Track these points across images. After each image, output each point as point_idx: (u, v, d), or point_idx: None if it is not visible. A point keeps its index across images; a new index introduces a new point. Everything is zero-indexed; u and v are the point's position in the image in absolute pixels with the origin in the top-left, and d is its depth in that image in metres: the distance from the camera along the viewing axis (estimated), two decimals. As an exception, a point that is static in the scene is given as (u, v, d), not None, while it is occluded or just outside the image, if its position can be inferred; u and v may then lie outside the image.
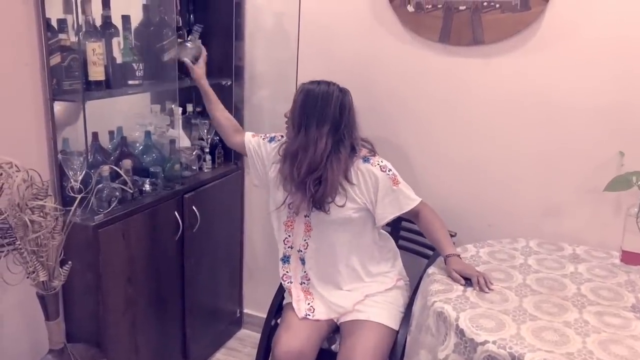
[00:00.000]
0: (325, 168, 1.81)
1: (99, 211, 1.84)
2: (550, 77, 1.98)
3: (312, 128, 1.81)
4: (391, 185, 1.86)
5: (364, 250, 1.95)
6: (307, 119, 1.82)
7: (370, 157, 1.89)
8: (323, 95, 1.84)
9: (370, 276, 1.96)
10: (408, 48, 2.16)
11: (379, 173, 1.86)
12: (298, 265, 1.97)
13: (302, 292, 1.95)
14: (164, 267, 2.13)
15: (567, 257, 1.90)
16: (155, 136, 2.30)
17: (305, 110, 1.83)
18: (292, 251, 1.98)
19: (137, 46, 2.18)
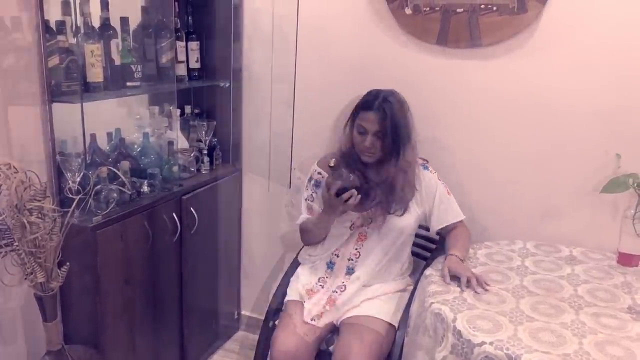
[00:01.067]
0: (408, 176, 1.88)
1: (97, 212, 1.84)
2: (547, 80, 1.99)
3: (404, 149, 1.83)
4: (446, 194, 1.94)
5: (403, 256, 1.99)
6: (400, 143, 1.82)
7: (428, 165, 1.95)
8: (401, 112, 1.83)
9: (393, 278, 1.98)
10: (405, 51, 2.16)
11: (437, 181, 1.93)
12: (341, 275, 1.95)
13: (326, 299, 1.91)
14: (161, 268, 2.14)
15: (564, 259, 1.91)
16: (153, 138, 2.30)
17: (397, 137, 1.81)
18: (338, 259, 1.97)
19: (136, 48, 2.19)
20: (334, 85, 2.31)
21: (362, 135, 1.85)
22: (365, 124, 1.83)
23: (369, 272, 1.93)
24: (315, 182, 1.99)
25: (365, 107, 1.85)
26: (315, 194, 1.99)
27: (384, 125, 1.80)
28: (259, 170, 2.56)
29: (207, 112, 2.52)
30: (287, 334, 1.83)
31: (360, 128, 1.85)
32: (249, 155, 2.57)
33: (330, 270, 1.98)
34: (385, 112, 1.79)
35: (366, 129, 1.83)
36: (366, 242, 1.93)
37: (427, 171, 1.95)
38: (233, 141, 2.52)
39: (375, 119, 1.81)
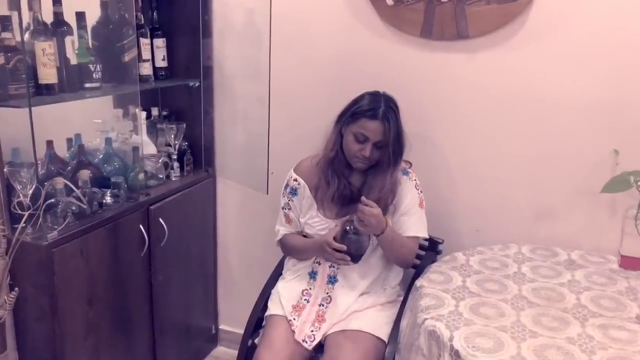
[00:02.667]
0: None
1: (53, 228, 1.66)
2: (539, 73, 1.87)
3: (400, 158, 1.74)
4: (416, 206, 1.80)
5: (391, 265, 1.86)
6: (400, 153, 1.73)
7: (409, 170, 1.82)
8: (400, 120, 1.72)
9: (381, 287, 1.85)
10: (387, 44, 2.02)
11: (412, 190, 1.80)
12: (323, 284, 1.82)
13: (315, 315, 1.78)
14: (129, 285, 1.96)
15: (562, 264, 1.79)
16: (117, 143, 2.13)
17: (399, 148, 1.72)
18: (319, 267, 1.83)
19: (95, 46, 2.01)
20: (312, 82, 2.16)
21: (361, 143, 1.71)
22: (368, 132, 1.69)
23: (354, 280, 1.80)
24: (291, 189, 1.85)
25: (368, 115, 1.69)
26: (292, 202, 1.84)
27: (388, 136, 1.68)
28: (233, 176, 2.39)
29: (177, 114, 2.35)
30: (273, 355, 1.67)
31: (360, 137, 1.70)
32: (223, 159, 2.40)
33: (313, 280, 1.84)
34: (390, 122, 1.68)
35: (368, 138, 1.69)
36: None
37: (407, 177, 1.81)
38: (205, 145, 2.35)
39: (380, 129, 1.68)
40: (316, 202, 1.81)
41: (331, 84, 2.12)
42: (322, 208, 1.81)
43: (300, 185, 1.83)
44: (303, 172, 1.84)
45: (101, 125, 2.14)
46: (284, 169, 1.93)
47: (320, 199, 1.81)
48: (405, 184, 1.80)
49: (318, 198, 1.81)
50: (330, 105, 1.81)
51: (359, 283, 1.80)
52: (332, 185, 1.76)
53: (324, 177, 1.79)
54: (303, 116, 2.20)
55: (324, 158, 1.80)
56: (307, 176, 1.83)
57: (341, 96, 1.80)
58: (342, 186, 1.76)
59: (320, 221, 1.81)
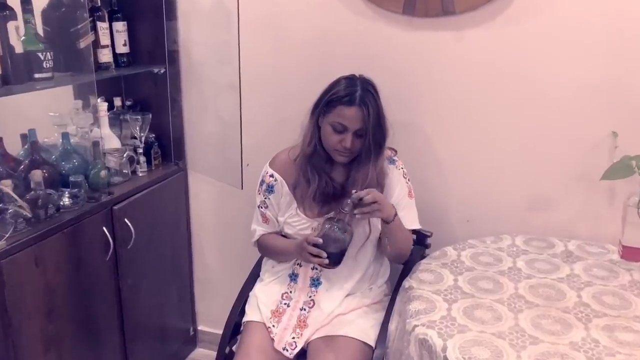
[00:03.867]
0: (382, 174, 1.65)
1: (1, 236, 1.49)
2: (531, 51, 1.73)
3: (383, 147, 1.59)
4: (406, 196, 1.66)
5: (376, 262, 1.73)
6: (382, 141, 1.57)
7: (395, 157, 1.68)
8: (380, 106, 1.56)
9: (368, 286, 1.71)
10: (367, 22, 1.86)
11: (400, 179, 1.67)
12: (305, 288, 1.67)
13: (296, 321, 1.63)
14: (95, 293, 1.81)
15: (559, 256, 1.67)
16: (76, 138, 1.95)
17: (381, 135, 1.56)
18: (301, 269, 1.69)
19: (47, 32, 1.83)
20: (287, 65, 2.00)
21: (340, 134, 1.55)
22: (346, 121, 1.53)
23: (339, 281, 1.66)
24: (267, 186, 1.69)
25: (345, 102, 1.53)
26: (269, 199, 1.69)
27: (367, 123, 1.52)
28: (205, 169, 2.23)
29: (142, 104, 2.17)
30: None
31: (338, 126, 1.54)
32: (194, 151, 2.24)
33: (294, 282, 1.70)
34: (369, 107, 1.51)
35: (346, 127, 1.54)
36: None
37: (394, 166, 1.67)
38: (174, 136, 2.19)
39: (359, 115, 1.52)
40: (296, 200, 1.66)
41: (308, 67, 1.96)
42: (302, 206, 1.66)
43: (277, 181, 1.67)
44: (280, 167, 1.68)
45: (58, 119, 1.96)
46: (261, 161, 1.77)
47: (300, 197, 1.66)
48: (392, 173, 1.66)
49: (298, 196, 1.66)
50: (307, 89, 1.64)
51: (343, 284, 1.66)
52: (313, 183, 1.61)
53: (302, 175, 1.63)
54: (279, 102, 2.04)
55: (301, 154, 1.64)
56: (284, 171, 1.67)
57: (318, 80, 1.64)
58: (324, 184, 1.61)
59: (301, 220, 1.66)
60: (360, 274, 1.68)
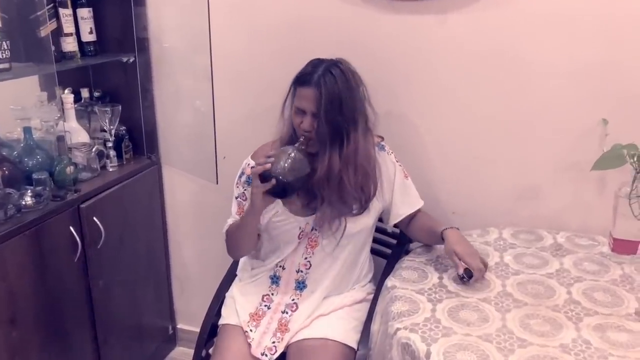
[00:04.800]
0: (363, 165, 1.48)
1: (-44, 241, 1.40)
2: (518, 35, 1.64)
3: (350, 133, 1.44)
4: (403, 178, 1.61)
5: (361, 262, 1.64)
6: (343, 125, 1.42)
7: (384, 144, 1.59)
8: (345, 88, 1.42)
9: (351, 287, 1.63)
10: (347, 6, 1.76)
11: (394, 164, 1.59)
12: (289, 291, 1.58)
13: (277, 324, 1.54)
14: (63, 296, 1.72)
15: (548, 249, 1.60)
16: (40, 132, 1.85)
17: (338, 118, 1.41)
18: (284, 272, 1.58)
19: (5, 20, 1.71)
20: (263, 52, 1.90)
21: (300, 116, 1.45)
22: (302, 102, 1.43)
23: (325, 285, 1.57)
24: (247, 178, 1.58)
25: (301, 81, 1.44)
26: (247, 191, 1.59)
27: (319, 104, 1.40)
28: (180, 162, 2.14)
29: (111, 95, 2.06)
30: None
31: (298, 110, 1.45)
32: (167, 143, 2.13)
33: (276, 285, 1.60)
34: (323, 87, 1.39)
35: (304, 109, 1.44)
36: (317, 250, 1.55)
37: (384, 152, 1.59)
38: (146, 128, 2.08)
39: (313, 95, 1.41)
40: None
41: (285, 54, 1.86)
42: (287, 202, 1.53)
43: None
44: (260, 156, 1.56)
45: (21, 112, 1.85)
46: (238, 154, 1.67)
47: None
48: (385, 162, 1.57)
49: None
50: (285, 78, 1.53)
51: (327, 285, 1.57)
52: None
53: None
54: (256, 92, 1.94)
55: (279, 142, 1.55)
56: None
57: (297, 68, 1.52)
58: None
59: (288, 219, 1.53)
60: (343, 275, 1.59)
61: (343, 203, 1.47)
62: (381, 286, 1.51)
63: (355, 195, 1.47)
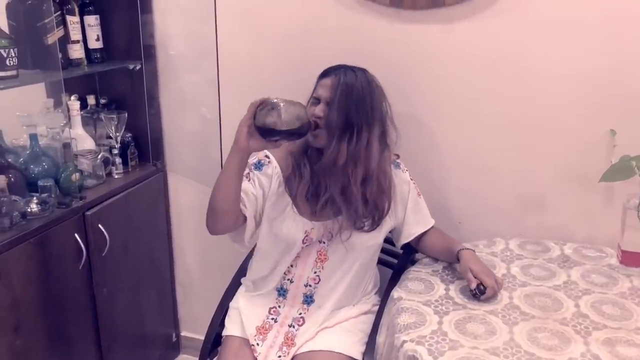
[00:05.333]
0: (378, 178, 1.47)
1: (-40, 249, 1.40)
2: (525, 43, 1.64)
3: (362, 131, 1.41)
4: (416, 197, 1.61)
5: (368, 275, 1.63)
6: (355, 119, 1.40)
7: (399, 162, 1.59)
8: (365, 86, 1.43)
9: (358, 300, 1.62)
10: (353, 15, 1.76)
11: (409, 182, 1.60)
12: (297, 304, 1.56)
13: (283, 338, 1.53)
14: (67, 303, 1.71)
15: (555, 260, 1.59)
16: (46, 139, 1.85)
17: (351, 109, 1.40)
18: (292, 285, 1.56)
19: (13, 27, 1.72)
20: (270, 61, 1.90)
21: (315, 106, 1.46)
22: (319, 91, 1.46)
23: (332, 301, 1.55)
24: (257, 162, 1.54)
25: (322, 74, 1.49)
26: (252, 173, 1.52)
27: (335, 91, 1.41)
28: (186, 169, 2.13)
29: (117, 102, 2.06)
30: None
31: (314, 98, 1.47)
32: (173, 150, 2.13)
33: (283, 297, 1.58)
34: (342, 77, 1.42)
35: (319, 97, 1.45)
36: (327, 264, 1.54)
37: (399, 170, 1.58)
38: (152, 135, 2.08)
39: (330, 83, 1.44)
40: (290, 196, 1.51)
41: (291, 62, 1.86)
42: (295, 204, 1.52)
43: (271, 163, 1.53)
44: (278, 154, 1.54)
45: (27, 119, 1.86)
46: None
47: (292, 193, 1.51)
48: (400, 180, 1.57)
49: (291, 190, 1.51)
50: (291, 86, 1.55)
51: (335, 300, 1.56)
52: (304, 178, 1.49)
53: (296, 166, 1.51)
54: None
55: (296, 144, 1.52)
56: (280, 159, 1.54)
57: (302, 75, 1.55)
58: (317, 182, 1.48)
59: (294, 217, 1.50)
60: (350, 287, 1.58)
61: (347, 203, 1.44)
62: (387, 297, 1.50)
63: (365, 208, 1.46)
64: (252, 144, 1.35)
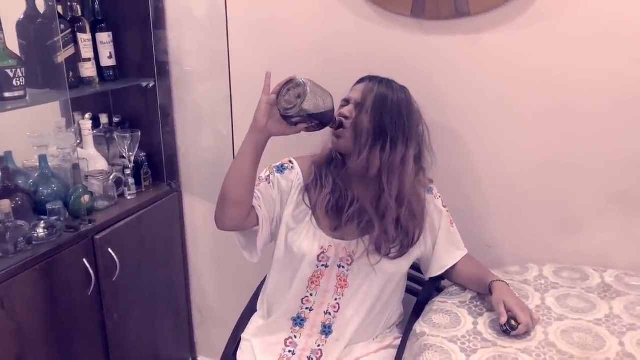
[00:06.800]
0: (411, 201, 1.37)
1: (-40, 277, 1.34)
2: (557, 55, 1.51)
3: (397, 144, 1.33)
4: (449, 226, 1.50)
5: (392, 306, 1.52)
6: (390, 130, 1.32)
7: (432, 187, 1.48)
8: (402, 100, 1.36)
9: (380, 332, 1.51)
10: (373, 27, 1.67)
11: (441, 209, 1.49)
12: (314, 334, 1.46)
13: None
14: (75, 331, 1.65)
15: (595, 290, 1.45)
16: (57, 160, 1.80)
17: (385, 118, 1.32)
18: (311, 314, 1.46)
19: (24, 46, 1.68)
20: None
21: (343, 107, 1.39)
22: (350, 94, 1.40)
23: (350, 333, 1.45)
24: (280, 165, 1.46)
25: (357, 81, 1.43)
26: (274, 175, 1.44)
27: (366, 96, 1.34)
28: (202, 188, 2.06)
29: (131, 121, 2.01)
30: None
31: (343, 100, 1.41)
32: (189, 169, 2.07)
33: (300, 327, 1.47)
34: (376, 85, 1.36)
35: (349, 100, 1.39)
36: (347, 291, 1.43)
37: (432, 195, 1.48)
38: (166, 154, 2.02)
39: (363, 87, 1.37)
40: (310, 207, 1.42)
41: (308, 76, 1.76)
42: (315, 217, 1.42)
43: (294, 169, 1.45)
44: (302, 161, 1.47)
45: (37, 140, 1.81)
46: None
47: (312, 204, 1.42)
48: (432, 206, 1.47)
49: (311, 201, 1.42)
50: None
51: (353, 334, 1.45)
52: (326, 188, 1.40)
53: (318, 176, 1.42)
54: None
55: (321, 152, 1.45)
56: (303, 165, 1.45)
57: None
58: (338, 193, 1.39)
59: (311, 230, 1.41)
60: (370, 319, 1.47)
61: (380, 216, 1.35)
62: (409, 330, 1.39)
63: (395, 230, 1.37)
64: (271, 125, 1.29)
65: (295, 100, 1.25)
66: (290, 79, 1.28)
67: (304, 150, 1.52)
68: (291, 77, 1.28)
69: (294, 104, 1.25)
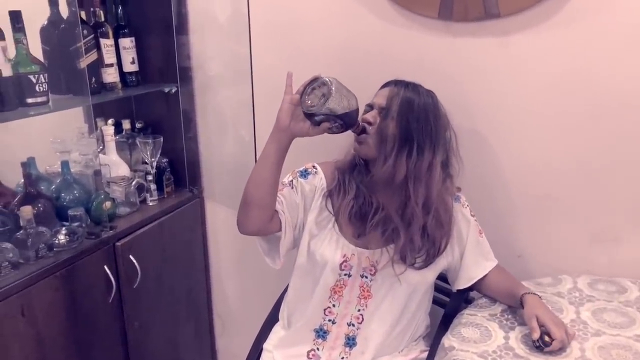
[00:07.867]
0: (437, 210, 1.33)
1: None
2: (592, 58, 1.45)
3: (424, 150, 1.29)
4: (477, 236, 1.45)
5: (418, 318, 1.47)
6: (417, 136, 1.29)
7: (460, 195, 1.44)
8: (428, 105, 1.33)
9: (405, 345, 1.46)
10: (398, 30, 1.62)
11: (469, 219, 1.44)
12: (338, 346, 1.41)
13: None
14: (96, 339, 1.63)
15: (634, 303, 1.38)
16: (79, 166, 1.79)
17: (411, 123, 1.29)
18: (334, 326, 1.42)
19: (47, 52, 1.68)
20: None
21: (366, 113, 1.36)
22: (374, 99, 1.37)
23: (376, 344, 1.40)
24: (304, 170, 1.43)
25: (382, 85, 1.40)
26: (297, 180, 1.41)
27: (391, 101, 1.31)
28: (224, 194, 2.04)
29: (153, 126, 2.00)
30: None
31: (366, 105, 1.37)
32: (211, 175, 2.05)
33: (322, 339, 1.43)
34: (402, 90, 1.33)
35: (373, 105, 1.36)
36: (371, 302, 1.39)
37: (459, 204, 1.42)
38: (188, 160, 2.00)
39: (388, 92, 1.34)
40: (332, 212, 1.39)
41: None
42: (338, 224, 1.39)
43: (317, 174, 1.42)
44: (325, 166, 1.44)
45: (60, 145, 1.81)
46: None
47: (336, 210, 1.38)
48: (460, 215, 1.42)
49: (334, 207, 1.39)
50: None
51: (378, 346, 1.40)
52: (349, 194, 1.36)
53: (341, 181, 1.39)
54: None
55: (345, 158, 1.43)
56: (327, 170, 1.43)
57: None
58: (362, 200, 1.35)
59: (334, 237, 1.37)
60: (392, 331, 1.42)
61: (406, 225, 1.31)
62: (436, 343, 1.34)
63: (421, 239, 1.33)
64: (294, 125, 1.26)
65: (319, 99, 1.23)
66: (315, 77, 1.25)
67: (327, 156, 1.49)
68: (316, 76, 1.25)
69: (319, 102, 1.23)
